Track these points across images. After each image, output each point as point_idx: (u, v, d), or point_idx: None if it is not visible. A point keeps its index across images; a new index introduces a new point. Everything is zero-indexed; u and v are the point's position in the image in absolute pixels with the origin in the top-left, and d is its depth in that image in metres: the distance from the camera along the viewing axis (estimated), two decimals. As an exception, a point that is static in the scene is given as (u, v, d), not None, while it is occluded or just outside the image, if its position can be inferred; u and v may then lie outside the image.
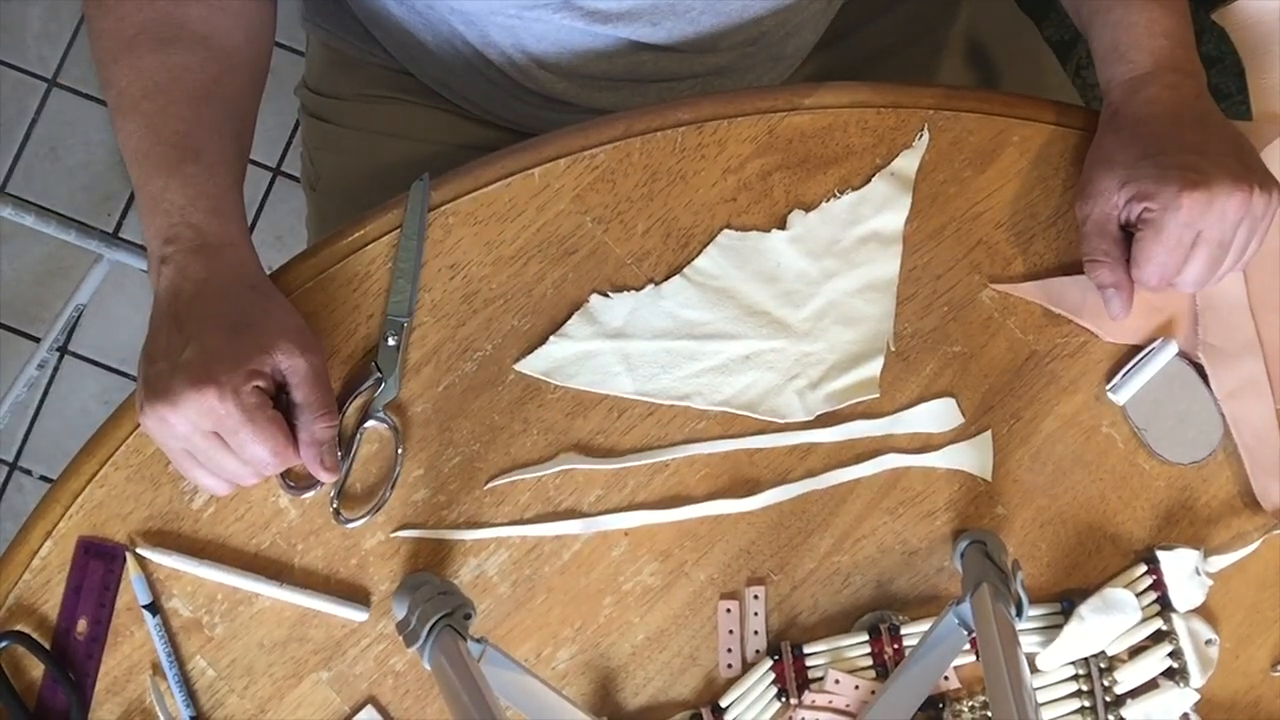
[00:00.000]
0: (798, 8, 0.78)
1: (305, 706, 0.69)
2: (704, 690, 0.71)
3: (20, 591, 0.69)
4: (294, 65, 1.60)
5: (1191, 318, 0.73)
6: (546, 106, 0.83)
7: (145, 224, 0.66)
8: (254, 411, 0.62)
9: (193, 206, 0.65)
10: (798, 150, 0.74)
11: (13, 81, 1.64)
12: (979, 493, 0.72)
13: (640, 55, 0.78)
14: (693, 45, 0.77)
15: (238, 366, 0.62)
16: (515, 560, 0.70)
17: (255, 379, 0.62)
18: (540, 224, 0.72)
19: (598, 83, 0.80)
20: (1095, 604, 0.70)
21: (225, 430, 0.62)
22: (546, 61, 0.78)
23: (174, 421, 0.62)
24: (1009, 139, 0.75)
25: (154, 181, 0.66)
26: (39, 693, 0.69)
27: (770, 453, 0.72)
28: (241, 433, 0.62)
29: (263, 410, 0.63)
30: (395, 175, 0.87)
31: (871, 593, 0.71)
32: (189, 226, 0.65)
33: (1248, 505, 0.73)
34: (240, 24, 0.71)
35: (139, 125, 0.67)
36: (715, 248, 0.73)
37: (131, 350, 1.60)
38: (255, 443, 0.63)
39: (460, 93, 0.86)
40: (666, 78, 0.80)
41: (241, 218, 0.67)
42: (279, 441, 0.63)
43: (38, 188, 1.62)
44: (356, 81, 0.89)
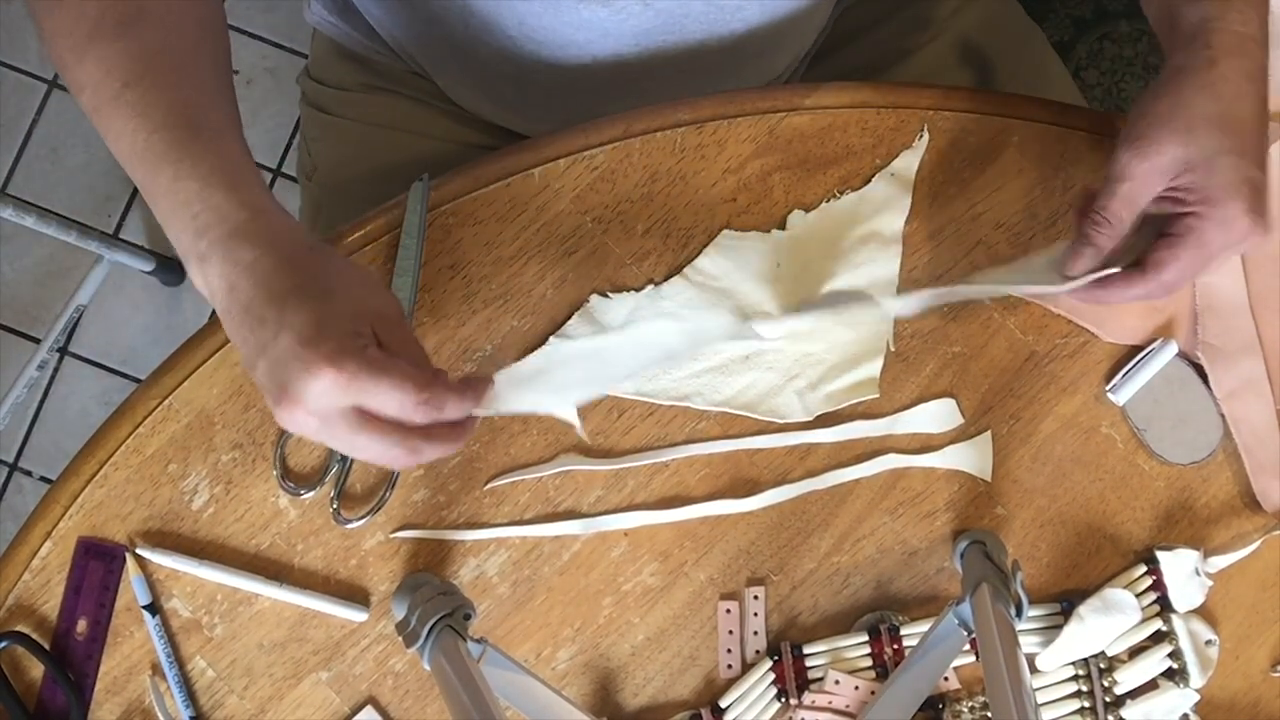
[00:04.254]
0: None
1: (305, 707, 0.69)
2: (704, 690, 0.71)
3: (20, 592, 0.69)
4: (294, 65, 1.60)
5: (1191, 318, 0.73)
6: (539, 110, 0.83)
7: (167, 224, 0.60)
8: (378, 364, 0.55)
9: (210, 188, 0.58)
10: (798, 150, 0.74)
11: (13, 82, 1.65)
12: (979, 493, 0.72)
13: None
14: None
15: (341, 333, 0.55)
16: (515, 560, 0.71)
17: (361, 338, 0.55)
18: (540, 224, 0.72)
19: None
20: (1095, 604, 0.70)
21: (362, 396, 0.55)
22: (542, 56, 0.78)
23: (311, 414, 0.56)
24: (1009, 139, 0.75)
25: (162, 174, 0.59)
26: (39, 693, 0.69)
27: (770, 453, 0.72)
28: (380, 391, 0.55)
29: (386, 358, 0.55)
30: (392, 169, 0.87)
31: (871, 593, 0.71)
32: (213, 210, 0.58)
33: (1247, 505, 0.73)
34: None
35: (127, 119, 0.60)
36: (715, 248, 0.73)
37: (131, 351, 1.60)
38: (395, 389, 0.55)
39: (458, 92, 0.86)
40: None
41: (260, 179, 0.61)
42: (418, 378, 0.55)
43: (38, 189, 1.62)
44: (359, 73, 0.89)
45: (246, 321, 0.56)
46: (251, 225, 0.58)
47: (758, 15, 0.75)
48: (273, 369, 0.55)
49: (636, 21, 0.73)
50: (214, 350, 0.70)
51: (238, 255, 0.57)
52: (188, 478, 0.70)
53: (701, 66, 0.78)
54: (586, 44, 0.75)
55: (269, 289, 0.56)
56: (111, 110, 0.60)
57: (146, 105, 0.60)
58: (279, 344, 0.55)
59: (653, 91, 0.79)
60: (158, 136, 0.59)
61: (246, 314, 0.56)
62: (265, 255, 0.57)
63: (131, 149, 0.60)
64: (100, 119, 0.61)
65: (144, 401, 0.70)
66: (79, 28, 0.62)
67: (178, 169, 0.58)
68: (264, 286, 0.56)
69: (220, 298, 0.57)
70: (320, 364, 0.54)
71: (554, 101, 0.83)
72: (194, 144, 0.59)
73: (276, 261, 0.57)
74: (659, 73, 0.78)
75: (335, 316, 0.55)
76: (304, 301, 0.55)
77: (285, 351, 0.55)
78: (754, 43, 0.78)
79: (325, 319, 0.55)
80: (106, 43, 0.61)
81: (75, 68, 0.62)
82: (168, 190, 0.59)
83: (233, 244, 0.57)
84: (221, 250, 0.57)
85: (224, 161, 0.59)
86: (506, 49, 0.77)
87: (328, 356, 0.54)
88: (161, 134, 0.59)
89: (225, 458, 0.70)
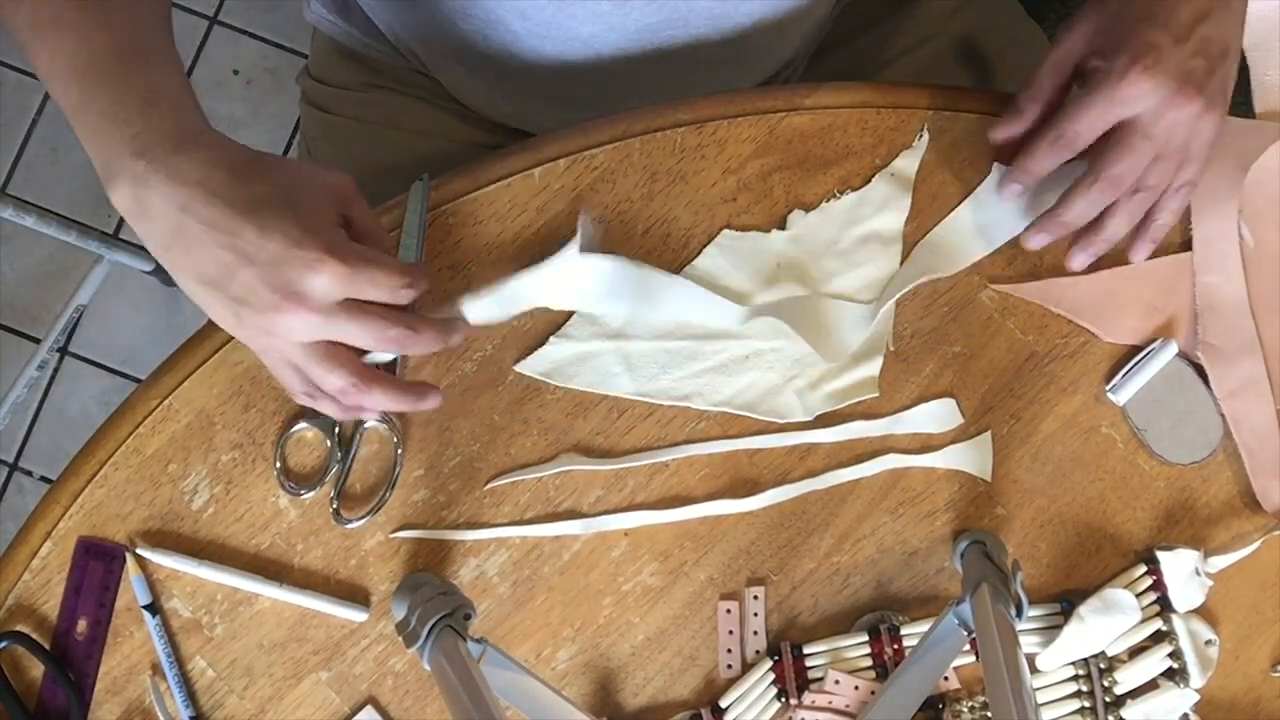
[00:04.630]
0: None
1: (305, 707, 0.69)
2: (704, 690, 0.71)
3: (20, 592, 0.69)
4: (294, 65, 1.60)
5: (1191, 318, 0.73)
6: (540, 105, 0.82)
7: (96, 143, 0.58)
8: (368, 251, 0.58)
9: (153, 107, 0.58)
10: (798, 150, 0.74)
11: (13, 82, 1.65)
12: (979, 493, 0.72)
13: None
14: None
15: (326, 227, 0.57)
16: (515, 560, 0.71)
17: (339, 231, 0.59)
18: (540, 224, 0.72)
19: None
20: (1095, 604, 0.70)
21: (358, 283, 0.57)
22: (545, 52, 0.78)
23: (315, 310, 0.57)
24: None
25: (102, 94, 0.58)
26: (39, 693, 0.69)
27: (770, 453, 0.72)
28: (377, 277, 0.57)
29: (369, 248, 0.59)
30: (392, 169, 0.86)
31: (871, 593, 0.71)
32: (154, 130, 0.57)
33: (1248, 505, 0.73)
34: None
35: (68, 37, 0.59)
36: (715, 248, 0.73)
37: (132, 351, 1.60)
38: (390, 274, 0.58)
39: (460, 89, 0.86)
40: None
41: (199, 108, 0.60)
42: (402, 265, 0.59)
43: (38, 189, 1.62)
44: (359, 72, 0.89)
45: (213, 237, 0.56)
46: (197, 143, 0.58)
47: (760, 9, 0.75)
48: (266, 274, 0.56)
49: (640, 15, 0.73)
50: (214, 350, 0.70)
51: (186, 172, 0.56)
52: (188, 478, 0.70)
53: (704, 61, 0.78)
54: (590, 38, 0.75)
55: (233, 201, 0.56)
56: (54, 29, 0.59)
57: (92, 26, 0.59)
58: (267, 249, 0.56)
59: (655, 87, 0.79)
60: (102, 56, 0.58)
61: (212, 229, 0.56)
62: (216, 170, 0.57)
63: (70, 66, 0.59)
64: (36, 37, 0.60)
65: (144, 401, 0.70)
66: None
67: (118, 89, 0.58)
68: (225, 199, 0.56)
69: (164, 219, 0.57)
70: (323, 258, 0.55)
71: (557, 97, 0.83)
72: (139, 67, 0.58)
73: (229, 175, 0.57)
74: (662, 67, 0.78)
75: (313, 214, 0.57)
76: (279, 206, 0.57)
77: (277, 254, 0.56)
78: (756, 37, 0.78)
79: (306, 218, 0.56)
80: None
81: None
82: (105, 110, 0.58)
83: (179, 161, 0.57)
84: (166, 170, 0.57)
85: (169, 86, 0.59)
86: (509, 44, 0.77)
87: (328, 249, 0.56)
88: (106, 54, 0.58)
89: (225, 458, 0.70)
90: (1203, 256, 0.73)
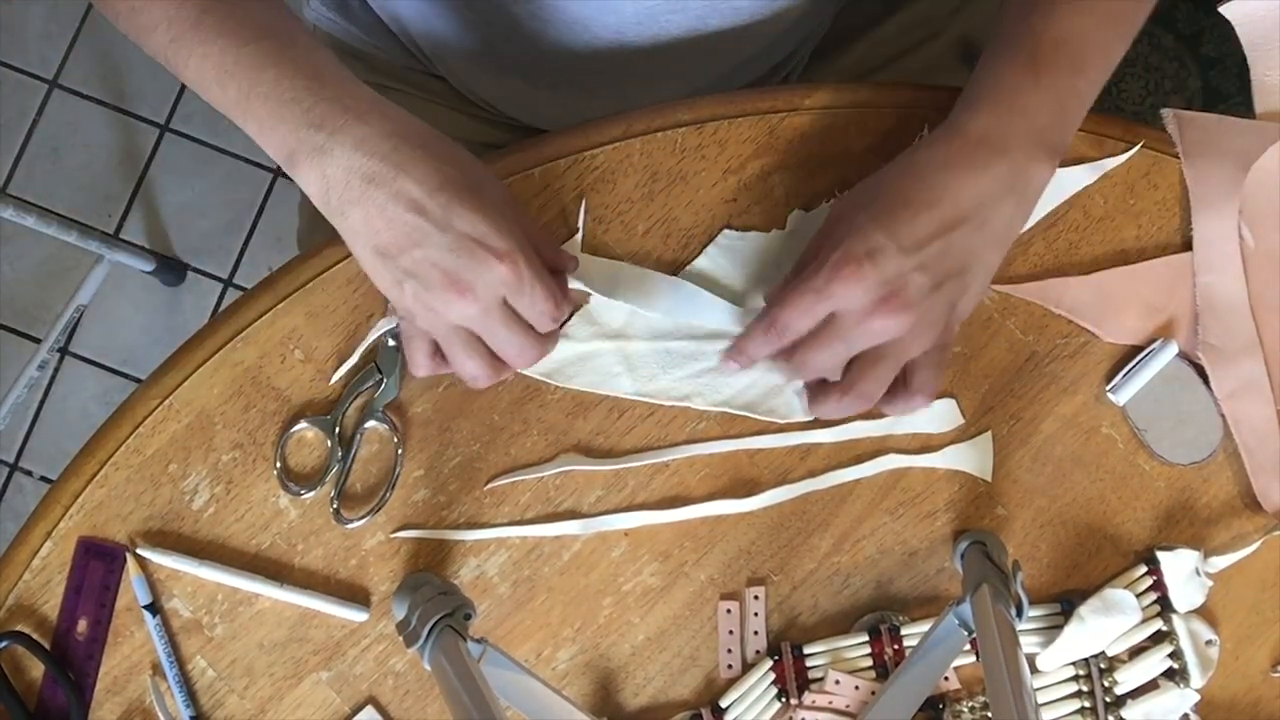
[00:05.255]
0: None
1: (305, 707, 0.69)
2: (704, 690, 0.71)
3: (20, 592, 0.69)
4: (294, 66, 1.58)
5: (1191, 318, 0.73)
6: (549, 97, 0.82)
7: (268, 130, 0.59)
8: (540, 268, 0.61)
9: (321, 82, 0.58)
10: (798, 150, 0.74)
11: (14, 82, 1.65)
12: (979, 493, 0.72)
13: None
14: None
15: (510, 229, 0.59)
16: (515, 560, 0.71)
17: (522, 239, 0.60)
18: (541, 224, 0.72)
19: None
20: (1095, 605, 0.70)
21: (522, 295, 0.60)
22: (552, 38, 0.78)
23: (477, 301, 0.59)
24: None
25: (263, 79, 0.58)
26: (39, 693, 0.69)
27: (770, 453, 0.72)
28: (537, 295, 0.61)
29: (542, 266, 0.61)
30: None
31: (871, 593, 0.71)
32: (330, 102, 0.58)
33: (1248, 506, 0.73)
34: None
35: (213, 40, 0.59)
36: (715, 248, 0.73)
37: (131, 351, 1.60)
38: (547, 297, 0.61)
39: (460, 76, 0.86)
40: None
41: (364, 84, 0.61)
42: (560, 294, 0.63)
43: (39, 189, 1.63)
44: (359, 70, 0.89)
45: (397, 210, 0.58)
46: (380, 114, 0.58)
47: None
48: (444, 256, 0.58)
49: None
50: (214, 350, 0.70)
51: (371, 144, 0.58)
52: (188, 478, 0.70)
53: (703, 48, 0.78)
54: (588, 21, 0.75)
55: (422, 179, 0.58)
56: (194, 36, 0.60)
57: (234, 23, 0.59)
58: (449, 235, 0.58)
59: (655, 74, 0.79)
60: (252, 48, 0.59)
61: (397, 202, 0.58)
62: (404, 144, 0.58)
63: (221, 67, 0.59)
64: (180, 49, 0.60)
65: (144, 401, 0.70)
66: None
67: (280, 71, 0.58)
68: (415, 176, 0.58)
69: (343, 188, 0.58)
70: (500, 258, 0.58)
71: (557, 83, 0.82)
72: (291, 49, 0.59)
73: (418, 152, 0.58)
74: (661, 53, 0.77)
75: (498, 214, 0.59)
76: (468, 196, 0.58)
77: (458, 243, 0.58)
78: (755, 25, 0.77)
79: (492, 215, 0.58)
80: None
81: (142, 10, 0.61)
82: (270, 92, 0.58)
83: (363, 131, 0.58)
84: (350, 138, 0.58)
85: (327, 63, 0.60)
86: (510, 26, 0.76)
87: (507, 253, 0.58)
88: (255, 45, 0.59)
89: (225, 458, 0.70)
90: (1203, 256, 0.73)
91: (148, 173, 1.64)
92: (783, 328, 0.64)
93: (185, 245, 1.63)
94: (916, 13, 0.90)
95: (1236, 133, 0.75)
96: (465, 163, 0.61)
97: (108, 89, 1.65)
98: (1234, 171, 0.73)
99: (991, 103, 0.63)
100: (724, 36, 0.77)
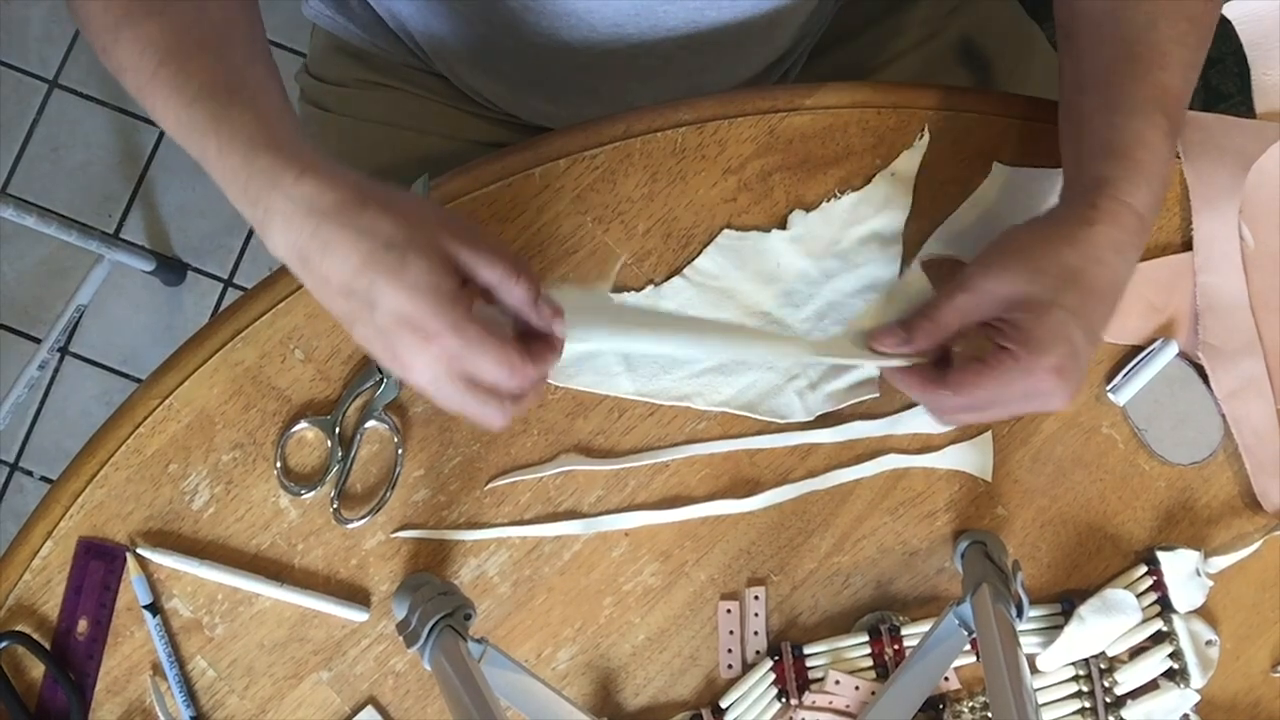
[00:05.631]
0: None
1: (305, 707, 0.69)
2: (704, 691, 0.71)
3: (20, 592, 0.69)
4: (294, 65, 1.60)
5: (1192, 318, 0.73)
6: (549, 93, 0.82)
7: (229, 197, 0.60)
8: (476, 341, 0.57)
9: (254, 152, 0.58)
10: (798, 150, 0.74)
11: (14, 82, 1.65)
12: (979, 493, 0.72)
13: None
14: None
15: (435, 302, 0.56)
16: (515, 560, 0.71)
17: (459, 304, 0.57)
18: (540, 224, 0.72)
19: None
20: (1095, 605, 0.70)
21: (464, 367, 0.58)
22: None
23: (422, 380, 0.58)
24: (1009, 140, 0.75)
25: (207, 148, 0.59)
26: (39, 693, 0.69)
27: (770, 453, 0.72)
28: (480, 366, 0.57)
29: (485, 333, 0.57)
30: (390, 167, 0.86)
31: (872, 593, 0.71)
32: (262, 175, 0.57)
33: (1248, 506, 0.73)
34: None
35: (166, 95, 0.60)
36: (715, 248, 0.73)
37: (131, 351, 1.60)
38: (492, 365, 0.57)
39: (460, 71, 0.86)
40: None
41: (299, 132, 0.60)
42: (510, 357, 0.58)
43: (39, 188, 1.62)
44: (357, 68, 0.89)
45: (331, 292, 0.57)
46: (299, 186, 0.57)
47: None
48: (377, 339, 0.57)
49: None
50: (214, 350, 0.70)
51: (299, 224, 0.57)
52: (188, 478, 0.70)
53: (699, 42, 0.78)
54: (586, 13, 0.74)
55: (343, 261, 0.56)
56: (151, 89, 0.60)
57: (183, 79, 0.59)
58: (379, 317, 0.57)
59: (654, 69, 0.79)
60: (196, 108, 0.59)
61: (326, 285, 0.57)
62: (324, 222, 0.57)
63: (177, 125, 0.60)
64: (144, 99, 0.61)
65: (144, 401, 0.70)
66: (111, 9, 0.62)
67: (219, 141, 0.58)
68: (336, 258, 0.56)
69: (293, 264, 0.58)
70: (429, 340, 0.56)
71: (556, 79, 0.82)
72: (230, 110, 0.58)
73: (336, 229, 0.57)
74: (658, 46, 0.77)
75: (424, 286, 0.56)
76: (393, 275, 0.56)
77: (388, 325, 0.57)
78: (753, 19, 0.77)
79: (421, 291, 0.56)
80: (139, 22, 0.61)
81: (113, 50, 0.62)
82: (215, 164, 0.59)
83: (288, 209, 0.57)
84: (280, 217, 0.57)
85: (263, 124, 0.58)
86: (507, 22, 0.76)
87: (436, 335, 0.56)
88: (199, 105, 0.59)
89: (225, 458, 0.70)
90: (1203, 256, 0.73)
91: (148, 173, 1.63)
92: (984, 404, 0.63)
93: (185, 245, 1.63)
94: (916, 13, 0.90)
95: (1236, 133, 0.75)
96: (399, 220, 0.57)
97: (108, 89, 1.64)
98: (1234, 171, 0.73)
99: (1148, 174, 0.63)
100: (719, 30, 0.77)
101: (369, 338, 0.58)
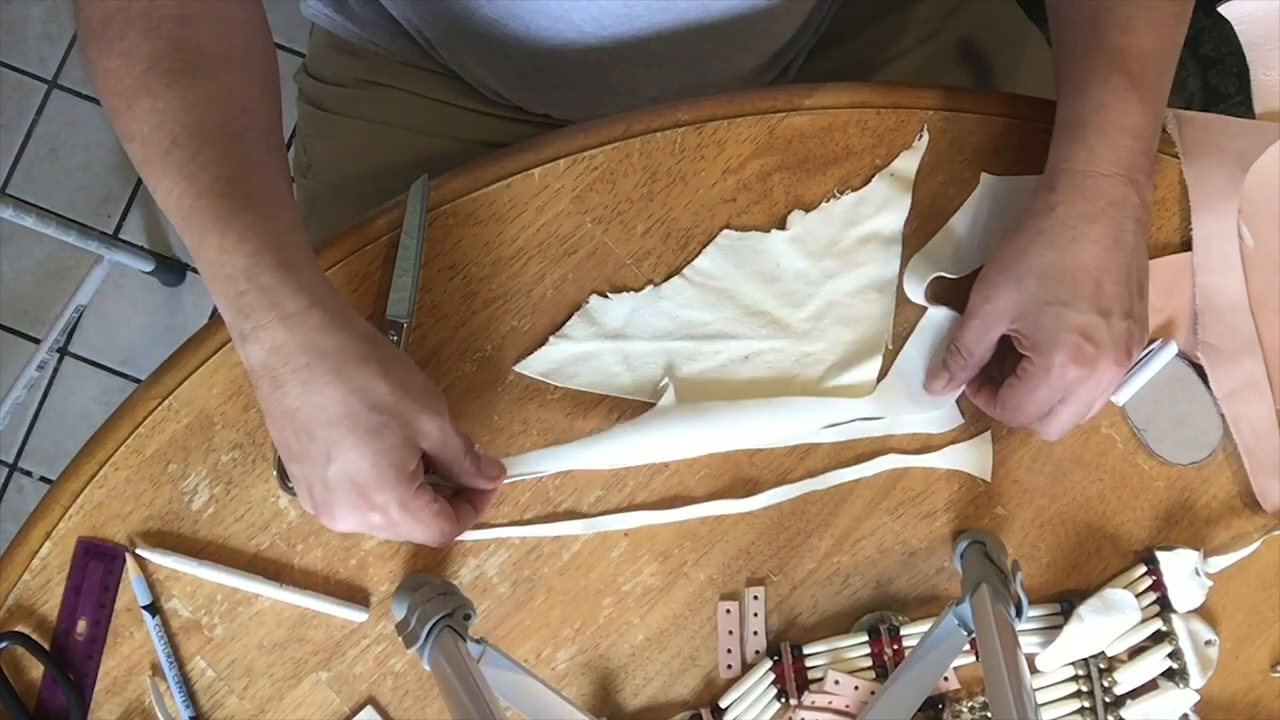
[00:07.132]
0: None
1: (305, 707, 0.69)
2: (704, 691, 0.71)
3: (20, 592, 0.69)
4: (293, 65, 1.60)
5: (1191, 318, 0.73)
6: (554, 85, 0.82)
7: (212, 291, 0.58)
8: (419, 514, 0.60)
9: (258, 267, 0.56)
10: (798, 151, 0.74)
11: (13, 83, 1.65)
12: (979, 493, 0.72)
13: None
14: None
15: (395, 483, 0.58)
16: (515, 561, 0.71)
17: (414, 482, 0.59)
18: (540, 224, 0.72)
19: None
20: (1095, 605, 0.70)
21: (391, 534, 0.62)
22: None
23: (339, 528, 0.60)
24: (1009, 140, 0.75)
25: (208, 243, 0.57)
26: (39, 693, 0.69)
27: (770, 453, 0.72)
28: (408, 534, 0.61)
29: (427, 508, 0.60)
30: (388, 167, 0.86)
31: (871, 593, 0.71)
32: (260, 293, 0.56)
33: (1247, 506, 0.73)
34: (252, 36, 0.64)
35: (175, 179, 0.58)
36: (715, 248, 0.73)
37: (131, 351, 1.60)
38: (421, 537, 0.61)
39: (460, 61, 0.85)
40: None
41: (310, 256, 0.59)
42: (445, 531, 0.62)
43: (38, 189, 1.62)
44: (356, 68, 0.89)
45: (290, 425, 0.57)
46: (299, 321, 0.56)
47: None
48: (315, 484, 0.58)
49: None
50: (214, 350, 0.70)
51: (287, 354, 0.56)
52: (188, 478, 0.70)
53: (693, 40, 0.78)
54: (566, 12, 0.74)
55: (320, 408, 0.57)
56: (160, 167, 0.58)
57: (196, 167, 0.57)
58: (328, 471, 0.57)
59: (651, 66, 0.79)
60: (204, 202, 0.57)
61: (290, 419, 0.57)
62: (316, 363, 0.56)
63: (179, 210, 0.58)
64: (148, 173, 0.59)
65: (144, 401, 0.70)
66: (130, 72, 0.59)
67: (223, 240, 0.57)
68: (313, 404, 0.57)
69: (259, 381, 0.57)
70: (370, 509, 0.58)
71: (564, 64, 0.82)
72: (242, 214, 0.57)
73: (326, 375, 0.56)
74: (651, 45, 0.77)
75: (389, 461, 0.57)
76: (359, 439, 0.57)
77: (335, 480, 0.57)
78: (751, 15, 0.77)
79: (379, 462, 0.57)
80: (157, 93, 0.59)
81: (124, 114, 0.60)
82: (213, 260, 0.57)
83: (282, 339, 0.56)
84: (269, 340, 0.56)
85: (272, 238, 0.57)
86: (493, 17, 0.76)
87: (380, 506, 0.58)
88: (208, 200, 0.57)
89: (225, 458, 0.70)
90: (1203, 256, 0.73)
91: (147, 173, 1.63)
92: (1034, 411, 0.66)
93: (184, 246, 1.63)
94: (916, 12, 0.90)
95: (1236, 133, 0.75)
96: (393, 387, 0.58)
97: (107, 89, 1.64)
98: (1233, 171, 0.73)
99: (1106, 133, 0.64)
100: (712, 29, 0.77)
101: (305, 476, 0.58)
